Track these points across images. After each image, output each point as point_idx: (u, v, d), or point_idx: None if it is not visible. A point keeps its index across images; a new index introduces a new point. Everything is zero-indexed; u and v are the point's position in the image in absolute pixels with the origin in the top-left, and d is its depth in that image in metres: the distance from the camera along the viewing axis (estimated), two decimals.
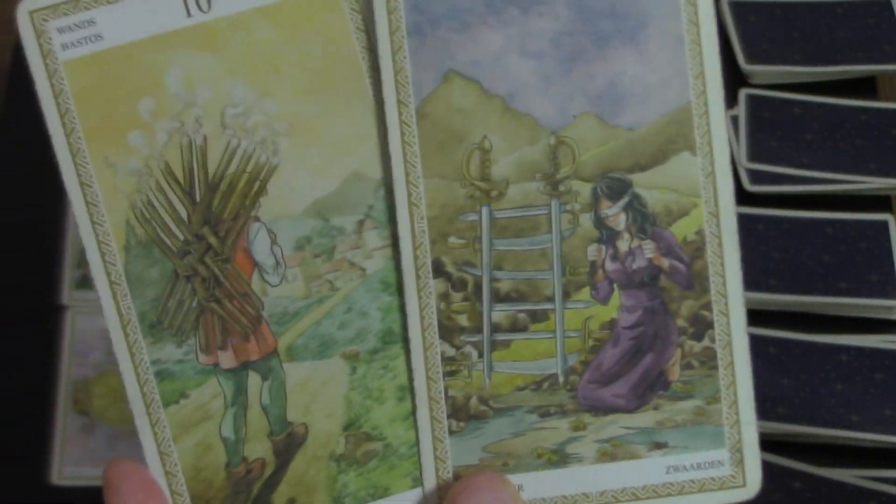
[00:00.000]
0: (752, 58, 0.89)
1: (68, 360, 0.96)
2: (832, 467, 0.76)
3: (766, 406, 0.76)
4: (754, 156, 0.84)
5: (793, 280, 0.79)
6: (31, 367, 0.95)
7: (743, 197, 0.83)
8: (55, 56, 0.52)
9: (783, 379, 0.78)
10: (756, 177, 0.84)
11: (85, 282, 0.98)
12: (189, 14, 0.52)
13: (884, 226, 0.83)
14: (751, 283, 0.79)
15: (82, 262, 0.98)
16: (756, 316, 0.80)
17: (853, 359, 0.79)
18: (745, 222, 0.80)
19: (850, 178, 0.83)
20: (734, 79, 0.91)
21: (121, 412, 0.95)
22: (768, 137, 0.85)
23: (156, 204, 0.53)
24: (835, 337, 0.80)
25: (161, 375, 0.53)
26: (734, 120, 0.88)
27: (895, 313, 0.81)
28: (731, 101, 0.89)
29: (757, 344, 0.78)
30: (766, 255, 0.80)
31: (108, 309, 0.53)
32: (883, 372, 0.79)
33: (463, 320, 0.54)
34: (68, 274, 0.99)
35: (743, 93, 0.88)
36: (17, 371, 0.94)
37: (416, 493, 0.54)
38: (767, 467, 0.71)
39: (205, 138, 0.52)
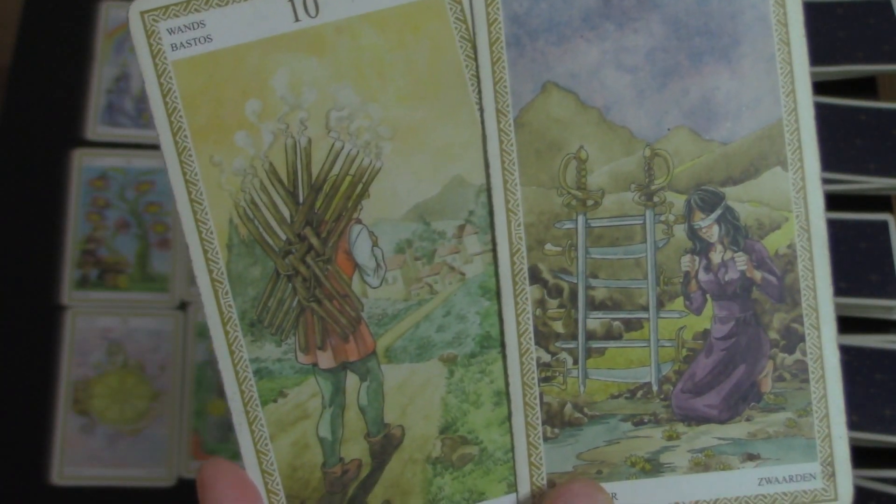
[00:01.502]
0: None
1: (68, 360, 0.96)
2: None
3: None
4: None
5: None
6: (31, 367, 0.94)
7: None
8: (164, 56, 0.53)
9: None
10: None
11: (85, 282, 0.98)
12: (297, 18, 0.53)
13: (884, 226, 0.83)
14: None
15: (82, 262, 0.98)
16: None
17: (853, 359, 0.79)
18: None
19: (850, 178, 0.84)
20: None
21: (121, 412, 0.95)
22: None
23: (259, 203, 0.53)
24: None
25: (260, 374, 0.53)
26: None
27: (895, 313, 0.82)
28: None
29: None
30: None
31: (209, 306, 0.53)
32: (883, 372, 0.79)
33: (558, 327, 0.54)
34: (68, 274, 0.99)
35: None
36: (17, 371, 0.94)
37: (511, 498, 0.54)
38: None
39: (309, 140, 0.53)
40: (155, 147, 0.98)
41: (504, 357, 0.53)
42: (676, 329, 0.54)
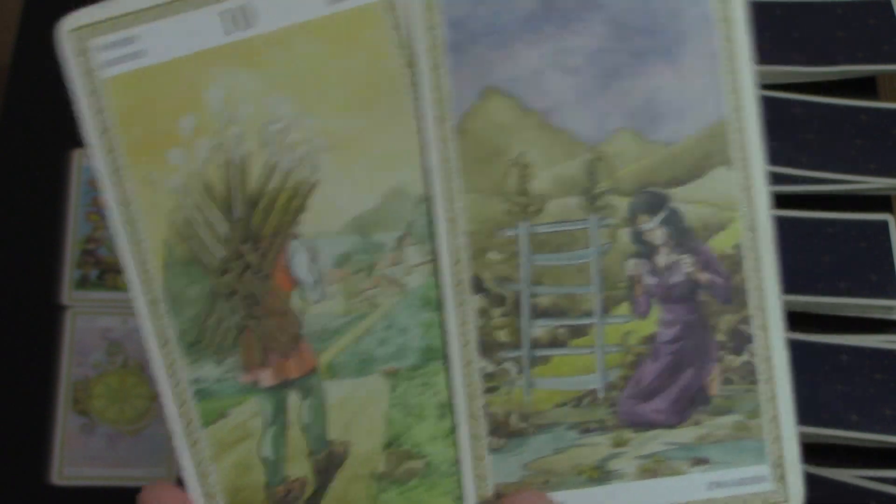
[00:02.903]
0: (752, 58, 0.89)
1: (68, 360, 0.95)
2: (832, 467, 0.76)
3: None
4: None
5: (793, 280, 0.79)
6: (31, 367, 0.94)
7: None
8: (96, 74, 0.52)
9: None
10: None
11: (85, 282, 0.98)
12: (230, 31, 0.52)
13: (884, 226, 0.83)
14: None
15: (82, 262, 0.98)
16: None
17: (853, 359, 0.79)
18: None
19: (850, 178, 0.83)
20: None
21: (121, 412, 0.95)
22: (768, 137, 0.84)
23: (195, 222, 0.52)
24: (835, 337, 0.80)
25: (200, 394, 0.53)
26: None
27: (895, 313, 0.81)
28: None
29: None
30: None
31: (145, 329, 0.52)
32: (883, 372, 0.78)
33: (503, 336, 0.53)
34: (68, 274, 0.98)
35: None
36: (17, 371, 0.94)
37: None
38: None
39: (245, 155, 0.52)
40: None
41: (448, 368, 0.53)
42: (622, 334, 0.53)
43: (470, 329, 0.53)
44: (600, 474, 0.53)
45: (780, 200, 0.84)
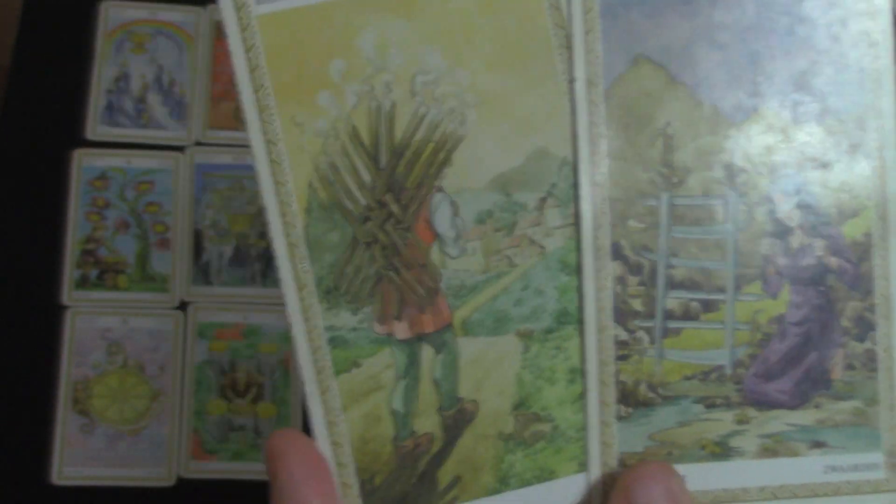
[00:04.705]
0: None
1: (68, 360, 0.95)
2: None
3: None
4: None
5: None
6: (31, 367, 0.94)
7: None
8: (249, 9, 0.51)
9: None
10: None
11: (85, 282, 0.97)
12: None
13: None
14: None
15: (82, 262, 0.97)
16: None
17: None
18: None
19: None
20: None
21: (121, 412, 0.94)
22: None
23: (340, 167, 0.52)
24: None
25: (334, 342, 0.52)
26: None
27: None
28: None
29: None
30: None
31: (284, 272, 0.52)
32: None
33: (637, 305, 0.53)
34: (68, 274, 0.98)
35: None
36: (17, 371, 0.93)
37: (581, 478, 0.53)
38: None
39: (393, 104, 0.52)
40: (155, 147, 0.97)
41: (582, 333, 0.52)
42: (752, 312, 0.53)
43: (606, 295, 0.53)
44: (722, 450, 0.53)
45: None
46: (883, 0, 0.54)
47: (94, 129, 1.02)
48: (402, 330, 0.52)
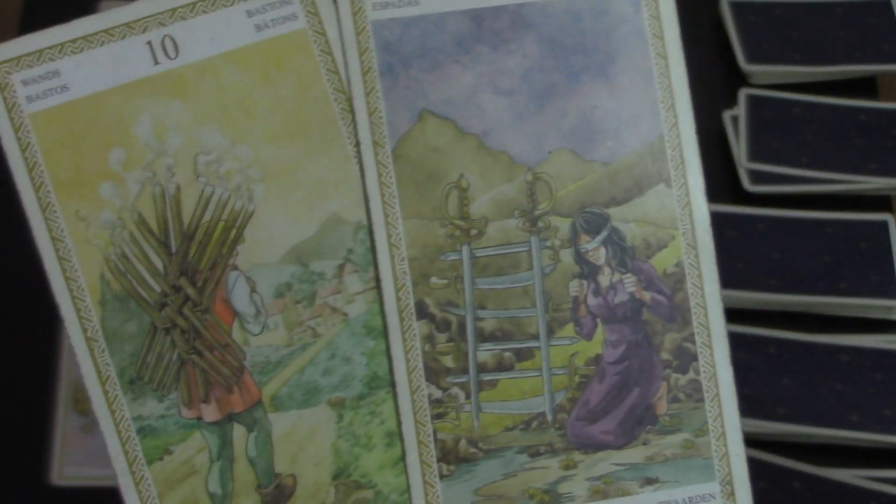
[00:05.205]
0: (752, 58, 0.89)
1: (68, 360, 0.95)
2: (832, 467, 0.76)
3: (767, 406, 0.76)
4: (754, 156, 0.84)
5: (793, 280, 0.79)
6: (31, 367, 0.93)
7: (743, 197, 0.83)
8: (20, 109, 0.51)
9: (783, 379, 0.77)
10: (756, 177, 0.83)
11: None
12: (157, 61, 0.51)
13: (884, 226, 0.83)
14: (751, 283, 0.79)
15: None
16: (756, 316, 0.81)
17: (853, 359, 0.79)
18: (745, 222, 0.80)
19: (850, 178, 0.83)
20: (734, 79, 0.90)
21: None
22: (768, 137, 0.85)
23: (130, 256, 0.51)
24: (835, 337, 0.80)
25: (143, 432, 0.52)
26: (734, 120, 0.87)
27: (895, 313, 0.81)
28: (731, 101, 0.89)
29: (757, 344, 0.78)
30: (766, 255, 0.80)
31: (85, 366, 0.51)
32: (883, 372, 0.78)
33: (448, 361, 0.53)
34: None
35: (743, 93, 0.87)
36: (17, 371, 0.93)
37: None
38: (767, 467, 0.71)
39: (178, 187, 0.51)
40: None
41: (395, 396, 0.52)
42: (568, 356, 0.53)
43: (416, 355, 0.52)
44: (551, 497, 0.53)
45: (781, 200, 0.84)
46: (670, 24, 0.53)
47: None
48: (210, 412, 0.52)
